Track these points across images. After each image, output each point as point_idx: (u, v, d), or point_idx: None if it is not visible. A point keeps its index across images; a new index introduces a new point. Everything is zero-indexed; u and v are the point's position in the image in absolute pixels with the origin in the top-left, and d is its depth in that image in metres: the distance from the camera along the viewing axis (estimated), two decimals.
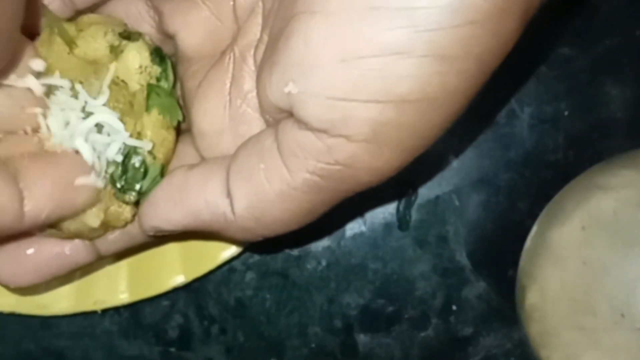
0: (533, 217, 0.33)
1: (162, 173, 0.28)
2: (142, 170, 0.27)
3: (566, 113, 0.37)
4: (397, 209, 0.37)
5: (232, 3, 0.27)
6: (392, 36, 0.21)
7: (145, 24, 0.29)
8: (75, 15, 0.29)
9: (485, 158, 0.37)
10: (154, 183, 0.28)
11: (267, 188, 0.24)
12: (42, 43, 0.28)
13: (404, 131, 0.23)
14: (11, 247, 0.28)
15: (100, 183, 0.27)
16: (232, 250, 0.35)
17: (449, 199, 0.37)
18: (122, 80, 0.28)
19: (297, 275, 0.37)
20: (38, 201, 0.25)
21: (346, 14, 0.21)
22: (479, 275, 0.37)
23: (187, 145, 0.29)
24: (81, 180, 0.26)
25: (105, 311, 0.36)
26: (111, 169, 0.27)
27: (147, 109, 0.28)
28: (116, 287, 0.35)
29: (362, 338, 0.37)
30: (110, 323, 0.37)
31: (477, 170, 0.37)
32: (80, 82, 0.27)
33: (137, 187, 0.27)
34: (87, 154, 0.26)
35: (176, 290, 0.36)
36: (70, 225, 0.27)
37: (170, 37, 0.29)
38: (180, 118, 0.29)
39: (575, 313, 0.30)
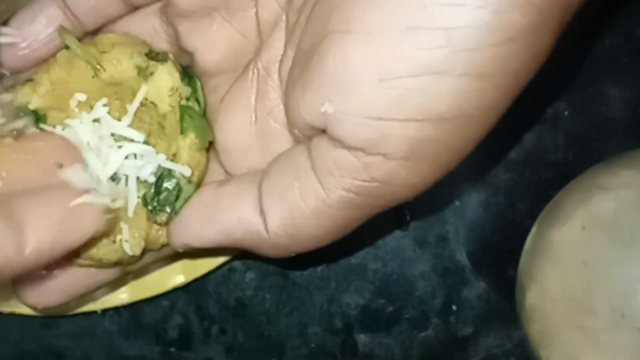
0: (533, 217, 0.33)
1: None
2: (175, 193, 0.27)
3: (566, 113, 0.37)
4: (397, 209, 0.37)
5: (255, 17, 0.27)
6: (430, 56, 0.21)
7: (161, 41, 0.29)
8: (85, 36, 0.28)
9: (485, 158, 0.37)
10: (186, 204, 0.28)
11: (301, 206, 0.24)
12: (60, 65, 0.27)
13: (441, 147, 0.23)
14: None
15: (103, 199, 0.25)
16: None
17: (449, 199, 0.37)
18: (151, 102, 0.27)
19: (297, 275, 0.37)
20: (37, 233, 0.23)
21: (384, 33, 0.21)
22: (479, 275, 0.37)
23: (212, 161, 0.29)
24: (77, 201, 0.24)
25: (105, 311, 0.36)
26: (143, 190, 0.27)
27: (182, 131, 0.27)
28: (116, 287, 0.35)
29: (362, 338, 0.37)
30: (110, 323, 0.37)
31: (477, 170, 0.37)
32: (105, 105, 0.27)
33: (169, 209, 0.27)
34: (129, 185, 0.27)
35: (176, 290, 0.36)
36: (112, 257, 0.27)
37: (188, 53, 0.28)
38: (211, 138, 0.28)
39: (575, 313, 0.30)
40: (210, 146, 0.29)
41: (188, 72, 0.28)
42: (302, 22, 0.25)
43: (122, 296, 0.35)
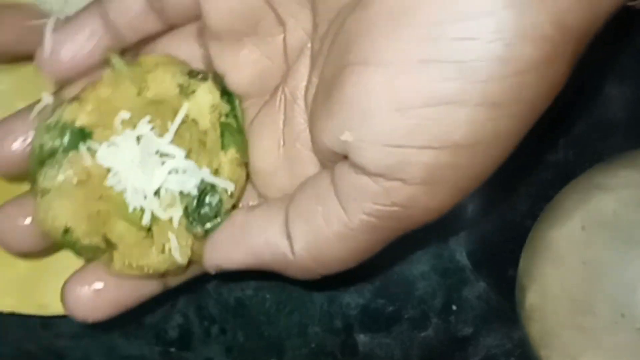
0: (533, 217, 0.33)
1: (233, 209, 0.29)
2: (216, 208, 0.28)
3: (566, 113, 0.37)
4: None
5: (282, 43, 0.28)
6: (444, 87, 0.22)
7: (198, 62, 0.29)
8: (124, 52, 0.29)
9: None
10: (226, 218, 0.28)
11: (325, 229, 0.25)
12: (106, 84, 0.28)
13: (459, 173, 0.23)
14: (90, 280, 0.29)
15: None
16: None
17: None
18: (192, 119, 0.28)
19: None
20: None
21: (399, 66, 0.22)
22: (479, 275, 0.37)
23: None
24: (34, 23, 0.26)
25: None
26: (185, 202, 0.28)
27: (223, 147, 0.28)
28: None
29: (362, 338, 0.37)
30: (110, 323, 0.37)
31: None
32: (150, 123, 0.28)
33: (210, 223, 0.28)
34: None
35: (176, 290, 0.36)
36: (161, 266, 0.28)
37: (219, 76, 0.29)
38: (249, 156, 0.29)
39: (575, 313, 0.30)
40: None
41: (227, 90, 0.29)
42: (325, 50, 0.26)
43: None
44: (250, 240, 0.27)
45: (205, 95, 0.28)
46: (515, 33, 0.21)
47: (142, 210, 0.27)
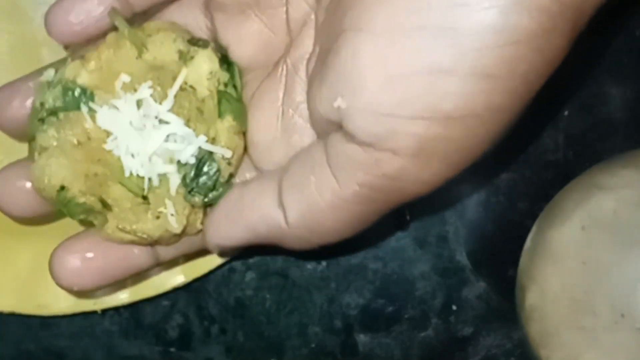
0: (533, 217, 0.33)
1: (231, 178, 0.29)
2: (214, 177, 0.28)
3: (566, 113, 0.37)
4: (397, 209, 0.37)
5: (285, 16, 0.28)
6: (437, 55, 0.21)
7: (202, 34, 0.29)
8: (133, 18, 0.29)
9: (485, 158, 0.37)
10: (225, 190, 0.28)
11: (318, 200, 0.25)
12: (108, 46, 0.28)
13: (450, 145, 0.23)
14: (79, 248, 0.29)
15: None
16: None
17: (449, 199, 0.37)
18: (190, 86, 0.28)
19: (297, 275, 0.37)
20: None
21: (392, 32, 0.22)
22: (479, 275, 0.37)
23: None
24: None
25: (105, 311, 0.36)
26: (183, 171, 0.28)
27: (220, 115, 0.28)
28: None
29: (362, 338, 0.37)
30: (110, 323, 0.37)
31: (477, 170, 0.37)
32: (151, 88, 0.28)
33: (209, 192, 0.28)
34: (174, 177, 0.28)
35: (176, 290, 0.36)
36: (154, 233, 0.28)
37: (223, 47, 0.29)
38: (246, 126, 0.29)
39: (575, 313, 0.30)
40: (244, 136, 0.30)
41: (227, 59, 0.29)
42: (328, 20, 0.26)
43: (122, 296, 0.35)
44: (246, 215, 0.27)
45: (204, 62, 0.28)
46: (512, 1, 0.21)
47: (139, 177, 0.27)
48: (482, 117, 0.22)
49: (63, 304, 0.35)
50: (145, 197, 0.28)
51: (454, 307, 0.37)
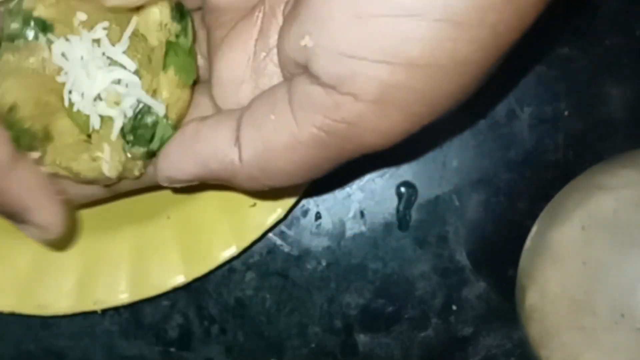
0: (533, 217, 0.33)
1: (175, 130, 0.29)
2: (152, 129, 0.28)
3: (566, 113, 0.37)
4: (397, 209, 0.37)
5: None
6: None
7: None
8: None
9: (485, 158, 0.37)
10: (164, 141, 0.28)
11: (274, 138, 0.25)
12: None
13: (412, 95, 0.22)
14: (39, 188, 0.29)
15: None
16: (232, 250, 0.35)
17: (449, 199, 0.37)
18: (142, 34, 0.28)
19: (297, 275, 0.37)
20: None
21: None
22: (479, 275, 0.37)
23: (203, 96, 0.30)
24: None
25: (105, 311, 0.36)
26: (122, 121, 0.28)
27: (164, 67, 0.28)
28: (116, 287, 0.35)
29: (362, 338, 0.37)
30: (110, 323, 0.37)
31: (477, 170, 0.37)
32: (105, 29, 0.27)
33: (147, 144, 0.28)
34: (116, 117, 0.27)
35: (176, 290, 0.36)
36: (89, 174, 0.28)
37: None
38: (195, 77, 0.29)
39: (575, 313, 0.30)
40: (195, 85, 0.29)
41: (182, 9, 0.29)
42: None
43: (122, 296, 0.35)
44: (199, 149, 0.27)
45: (154, 12, 0.28)
46: None
47: (87, 115, 0.28)
48: (446, 68, 0.22)
49: (63, 304, 0.35)
50: (89, 136, 0.28)
51: (454, 307, 0.37)
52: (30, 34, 0.27)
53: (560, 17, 0.37)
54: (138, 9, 0.28)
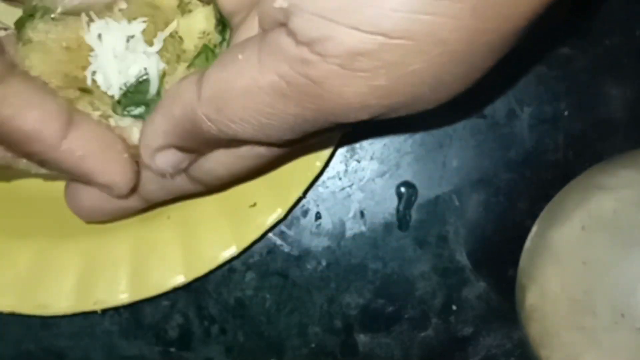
0: (533, 217, 0.33)
1: None
2: (145, 100, 0.28)
3: (566, 113, 0.37)
4: (397, 209, 0.37)
5: None
6: None
7: None
8: None
9: (485, 158, 0.37)
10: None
11: (236, 79, 0.24)
12: None
13: (379, 67, 0.22)
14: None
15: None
16: (232, 250, 0.35)
17: (449, 199, 0.37)
18: (179, 36, 0.28)
19: (297, 275, 0.37)
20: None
21: None
22: (479, 275, 0.37)
23: None
24: None
25: (105, 311, 0.36)
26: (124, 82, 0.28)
27: (190, 65, 0.28)
28: (116, 287, 0.35)
29: (362, 338, 0.37)
30: (110, 323, 0.37)
31: (477, 170, 0.37)
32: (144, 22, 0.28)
33: (135, 107, 0.28)
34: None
35: (176, 290, 0.36)
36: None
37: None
38: None
39: (575, 313, 0.30)
40: None
41: (225, 21, 0.29)
42: None
43: (122, 296, 0.35)
44: (166, 100, 0.26)
45: (200, 19, 0.28)
46: None
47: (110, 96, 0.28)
48: (420, 44, 0.22)
49: (63, 304, 0.35)
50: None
51: (454, 307, 0.37)
52: (70, 10, 0.27)
53: (560, 17, 0.37)
54: (183, 12, 0.28)
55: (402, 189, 0.37)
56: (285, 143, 0.26)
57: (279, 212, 0.35)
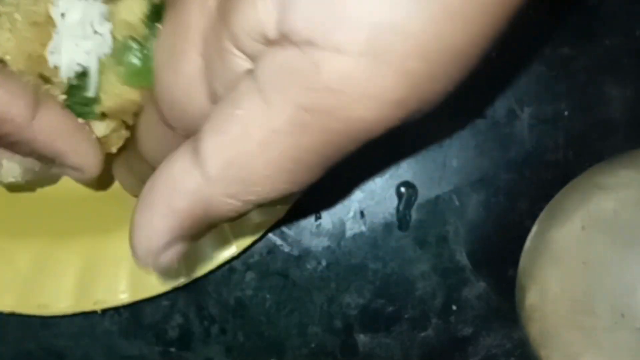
0: (533, 217, 0.33)
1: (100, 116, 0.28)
2: (87, 100, 0.27)
3: (566, 113, 0.37)
4: (397, 209, 0.37)
5: None
6: None
7: None
8: None
9: (485, 158, 0.37)
10: (80, 112, 0.27)
11: (245, 137, 0.20)
12: None
13: (409, 45, 0.18)
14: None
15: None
16: (232, 250, 0.35)
17: (449, 199, 0.37)
18: (125, 20, 0.27)
19: (297, 275, 0.37)
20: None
21: None
22: (479, 275, 0.37)
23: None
24: None
25: (105, 311, 0.36)
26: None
27: (119, 62, 0.27)
28: (116, 287, 0.35)
29: (362, 338, 0.37)
30: (110, 323, 0.37)
31: (477, 170, 0.37)
32: None
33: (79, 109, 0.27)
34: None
35: (176, 290, 0.36)
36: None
37: None
38: (148, 85, 0.27)
39: (575, 313, 0.30)
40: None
41: (160, 13, 0.27)
42: None
43: (122, 296, 0.35)
44: (160, 198, 0.22)
45: (128, 8, 0.27)
46: None
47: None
48: (451, 8, 0.18)
49: (63, 304, 0.35)
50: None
51: (454, 307, 0.37)
52: None
53: (560, 17, 0.37)
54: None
55: (402, 189, 0.37)
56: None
57: (279, 212, 0.35)
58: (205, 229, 0.23)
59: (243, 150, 0.20)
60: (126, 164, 0.30)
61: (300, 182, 0.21)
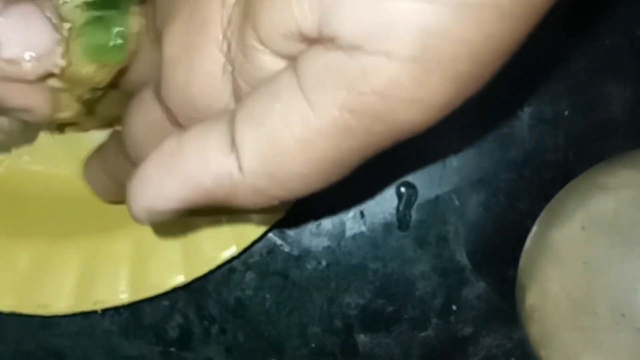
0: (533, 217, 0.33)
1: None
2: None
3: (566, 113, 0.37)
4: (397, 209, 0.37)
5: None
6: None
7: None
8: None
9: (485, 158, 0.37)
10: None
11: (284, 133, 0.19)
12: None
13: (460, 49, 0.18)
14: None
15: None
16: (232, 250, 0.35)
17: (449, 199, 0.37)
18: None
19: (297, 275, 0.37)
20: None
21: None
22: (479, 275, 0.37)
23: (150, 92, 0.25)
24: None
25: (105, 311, 0.36)
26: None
27: (81, 34, 0.26)
28: (116, 287, 0.35)
29: (362, 338, 0.37)
30: (110, 323, 0.37)
31: (477, 170, 0.37)
32: None
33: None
34: None
35: (176, 290, 0.36)
36: None
37: None
38: (120, 61, 0.26)
39: (575, 313, 0.30)
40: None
41: None
42: None
43: (122, 296, 0.35)
44: (185, 165, 0.21)
45: None
46: None
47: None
48: (503, 7, 0.17)
49: (63, 304, 0.35)
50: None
51: (454, 307, 0.37)
52: None
53: (560, 17, 0.37)
54: None
55: (402, 189, 0.37)
56: None
57: (279, 212, 0.35)
58: (212, 209, 0.22)
59: (281, 146, 0.20)
60: (101, 165, 0.30)
61: (331, 181, 0.21)
